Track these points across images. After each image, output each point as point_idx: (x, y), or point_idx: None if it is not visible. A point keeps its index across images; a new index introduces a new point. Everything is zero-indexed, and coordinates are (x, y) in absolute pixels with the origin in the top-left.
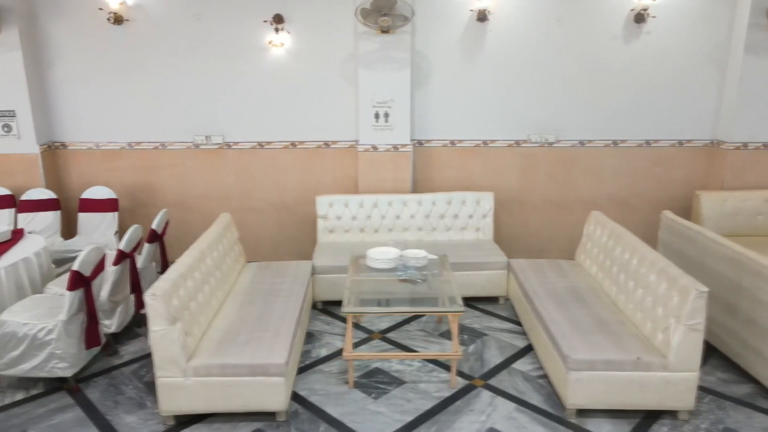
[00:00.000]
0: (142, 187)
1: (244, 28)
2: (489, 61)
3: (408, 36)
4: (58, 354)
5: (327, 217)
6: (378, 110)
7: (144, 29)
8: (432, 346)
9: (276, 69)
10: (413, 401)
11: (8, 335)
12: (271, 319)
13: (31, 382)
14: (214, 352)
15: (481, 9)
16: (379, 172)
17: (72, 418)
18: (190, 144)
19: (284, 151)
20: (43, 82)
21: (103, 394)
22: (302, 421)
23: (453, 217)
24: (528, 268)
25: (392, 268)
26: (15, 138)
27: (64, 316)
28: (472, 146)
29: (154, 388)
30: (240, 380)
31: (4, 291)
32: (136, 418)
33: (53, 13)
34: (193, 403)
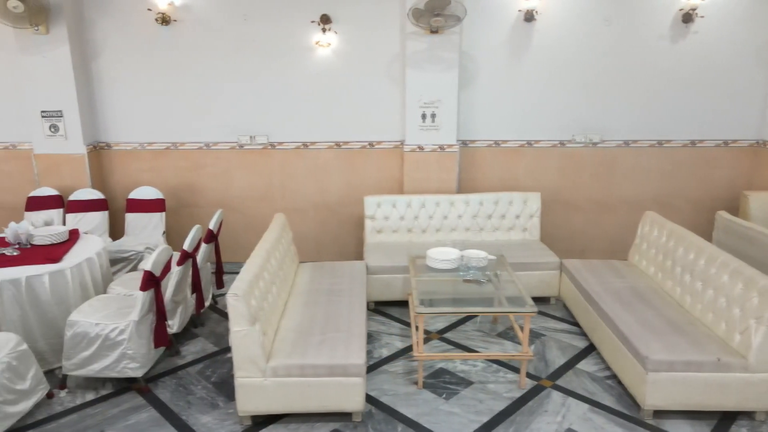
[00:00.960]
0: (185, 188)
1: (290, 29)
2: (534, 61)
3: (456, 36)
4: (129, 354)
5: (375, 218)
6: (425, 111)
7: (190, 30)
8: (492, 346)
9: (322, 69)
10: (485, 402)
11: (80, 335)
12: (339, 319)
13: (99, 382)
14: (291, 353)
15: (529, 9)
16: (425, 172)
17: (147, 419)
18: (235, 144)
19: (328, 152)
20: (89, 82)
21: (173, 394)
22: (378, 421)
23: (500, 218)
24: (583, 268)
25: (454, 268)
26: (62, 138)
27: (136, 317)
28: (516, 147)
29: (223, 388)
30: (318, 380)
31: (70, 291)
32: (212, 418)
33: (101, 13)
34: (271, 404)
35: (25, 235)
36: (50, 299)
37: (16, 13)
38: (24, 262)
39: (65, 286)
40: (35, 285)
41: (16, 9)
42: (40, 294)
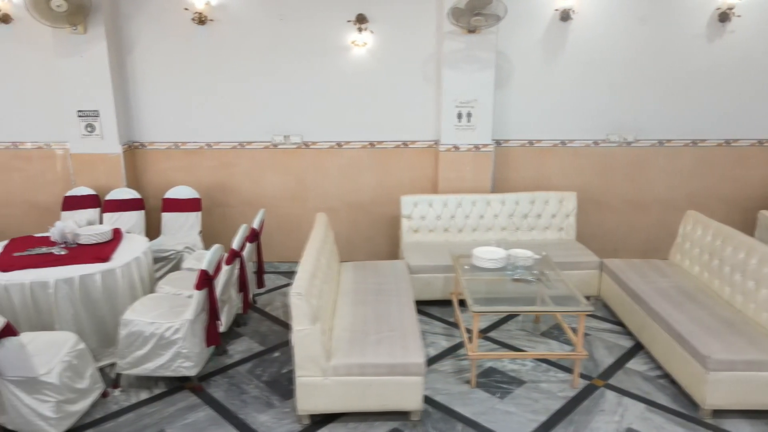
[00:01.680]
0: (217, 187)
1: (326, 28)
2: (569, 60)
3: (493, 36)
4: (184, 353)
5: (411, 217)
6: (461, 110)
7: (226, 29)
8: (538, 345)
9: (357, 69)
10: (540, 401)
11: (134, 334)
12: (391, 318)
13: (151, 381)
14: (350, 352)
15: (566, 8)
16: (460, 172)
17: (205, 417)
18: (269, 144)
19: (362, 151)
20: (124, 82)
21: (227, 393)
22: (436, 420)
23: (536, 217)
24: (626, 267)
25: (501, 267)
26: (98, 138)
27: (190, 316)
28: (549, 146)
29: (276, 387)
30: (379, 379)
31: (119, 290)
32: (269, 417)
33: (137, 12)
34: (331, 403)
35: (71, 234)
36: (101, 298)
37: (58, 12)
38: (73, 261)
39: (115, 285)
40: (88, 284)
41: (60, 8)
42: (92, 293)
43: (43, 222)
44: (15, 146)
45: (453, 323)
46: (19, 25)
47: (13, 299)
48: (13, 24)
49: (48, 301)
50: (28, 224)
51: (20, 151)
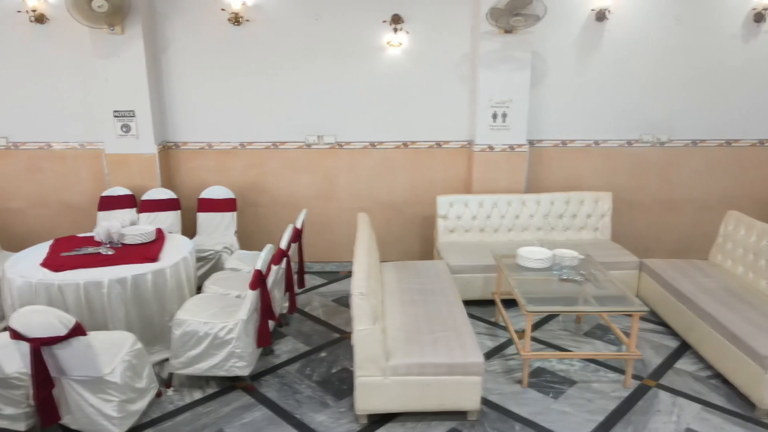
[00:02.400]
0: (250, 187)
1: (362, 29)
2: (604, 60)
3: (530, 36)
4: (237, 353)
5: (447, 217)
6: (496, 110)
7: (262, 29)
8: (583, 345)
9: (391, 69)
10: (594, 401)
11: (188, 334)
12: (442, 318)
13: (202, 380)
14: (408, 352)
15: (602, 8)
16: (494, 172)
17: (261, 417)
18: (302, 144)
19: (396, 151)
20: (159, 82)
21: (279, 393)
22: (493, 420)
23: (571, 217)
24: (668, 268)
25: (547, 267)
26: (134, 138)
27: (244, 315)
28: (582, 146)
29: (328, 387)
30: (438, 379)
31: (168, 290)
32: (326, 417)
33: (173, 12)
34: (389, 403)
35: (116, 234)
36: (151, 297)
37: (99, 12)
38: (121, 261)
39: (164, 285)
40: (139, 283)
41: (101, 8)
42: (143, 292)
43: (76, 222)
44: (48, 146)
45: (494, 323)
46: (54, 25)
47: (67, 299)
48: (48, 24)
49: (101, 301)
50: (60, 224)
51: (54, 151)
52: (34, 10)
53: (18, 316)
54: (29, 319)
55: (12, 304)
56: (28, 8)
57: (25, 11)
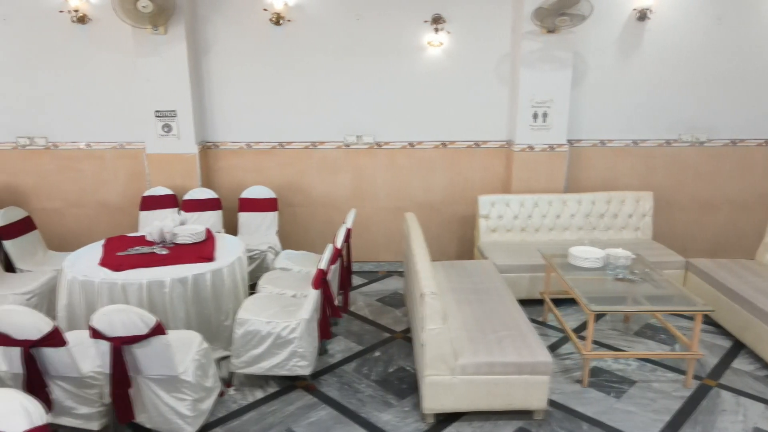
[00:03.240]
0: (289, 187)
1: (402, 29)
2: (644, 60)
3: (572, 35)
4: (299, 352)
5: (489, 217)
6: (537, 110)
7: (302, 29)
8: (636, 345)
9: (431, 69)
10: (657, 401)
11: (251, 334)
12: (501, 317)
13: (261, 379)
14: (477, 351)
15: (644, 8)
16: (534, 172)
17: (328, 416)
18: (341, 143)
19: (434, 151)
20: (199, 82)
21: (340, 392)
22: (559, 419)
23: (612, 217)
24: (716, 267)
25: (599, 267)
26: (175, 138)
27: (307, 315)
28: (621, 146)
29: (388, 386)
30: (506, 378)
31: (225, 289)
32: (392, 416)
33: (215, 13)
34: (457, 402)
35: (169, 234)
36: (209, 297)
37: (144, 13)
38: (177, 260)
39: (222, 285)
40: (199, 283)
41: (146, 9)
42: (202, 292)
43: (113, 222)
44: (88, 146)
45: (542, 322)
46: (95, 25)
47: (130, 298)
48: (89, 24)
49: (163, 300)
50: (98, 224)
51: (93, 151)
52: (77, 10)
53: (100, 315)
54: (111, 318)
55: (70, 303)
56: (70, 8)
57: (68, 11)
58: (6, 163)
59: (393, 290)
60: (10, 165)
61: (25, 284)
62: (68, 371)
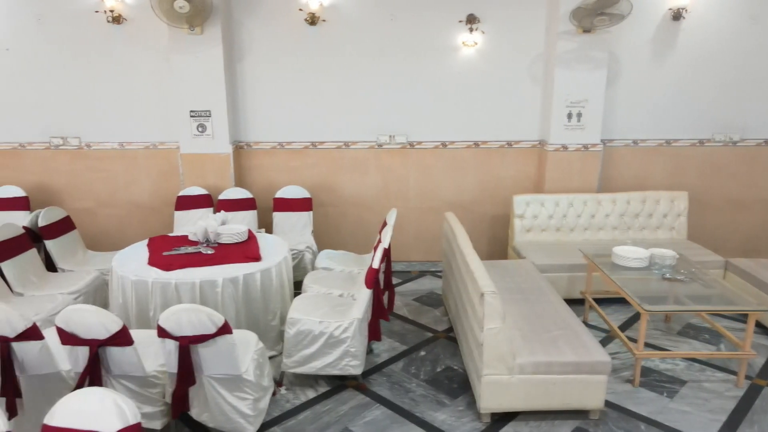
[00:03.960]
0: (321, 186)
1: (437, 28)
2: (678, 59)
3: (608, 35)
4: (351, 352)
5: (524, 216)
6: (571, 110)
7: (336, 29)
8: (681, 344)
9: (464, 69)
10: (711, 401)
11: (303, 333)
12: (552, 317)
13: (311, 379)
14: (534, 350)
15: (679, 8)
16: (567, 172)
17: (383, 415)
18: (374, 143)
19: (466, 151)
20: (233, 81)
21: (391, 391)
22: (615, 419)
23: (647, 216)
24: (759, 267)
25: (645, 267)
26: (209, 138)
27: (359, 314)
28: (654, 146)
29: (439, 386)
30: (564, 378)
31: (273, 289)
32: (447, 415)
33: (250, 13)
34: (514, 401)
35: (213, 233)
36: (258, 296)
37: (180, 13)
38: (224, 260)
39: (270, 284)
40: (249, 283)
41: (182, 9)
42: (252, 291)
43: (145, 222)
44: (120, 146)
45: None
46: (130, 26)
47: (183, 298)
48: (124, 25)
49: (215, 300)
50: (130, 224)
51: (126, 151)
52: (112, 10)
53: (168, 314)
54: (180, 318)
55: (123, 303)
56: (106, 8)
57: (103, 11)
58: (39, 163)
59: (428, 290)
60: (42, 165)
61: (72, 284)
62: (133, 370)
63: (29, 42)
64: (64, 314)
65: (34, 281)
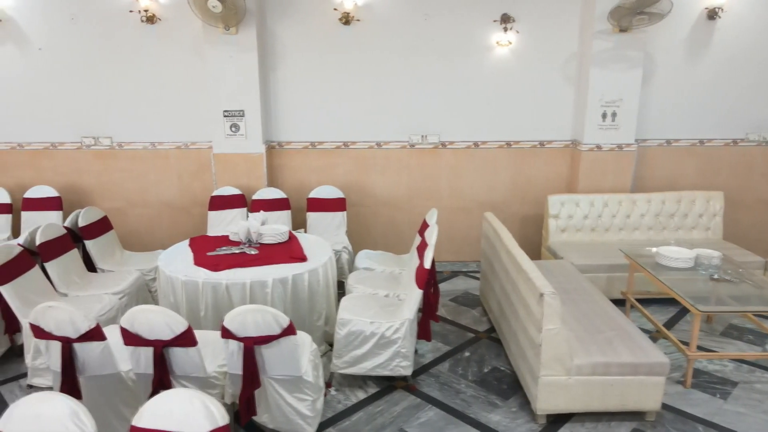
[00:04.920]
0: (352, 186)
1: (471, 28)
2: (712, 59)
3: (644, 34)
4: (402, 352)
5: (559, 216)
6: (606, 110)
7: (370, 29)
8: (726, 345)
9: (497, 69)
10: (765, 402)
11: (354, 334)
12: (601, 317)
13: (359, 380)
14: (590, 351)
15: (715, 7)
16: (601, 171)
17: (437, 417)
18: (406, 143)
19: (498, 151)
20: (266, 81)
21: (442, 392)
22: (671, 420)
23: (683, 217)
24: None
25: (691, 267)
26: (242, 138)
27: (411, 315)
28: (687, 146)
29: (489, 387)
30: (622, 379)
31: (320, 289)
32: (501, 417)
33: (284, 13)
34: (571, 402)
35: (256, 234)
36: (305, 297)
37: (213, 12)
38: (269, 261)
39: (317, 284)
40: (297, 283)
41: (215, 9)
42: (300, 292)
43: (175, 222)
44: (152, 146)
45: None
46: (164, 25)
47: (233, 298)
48: (158, 24)
49: (265, 300)
50: (160, 224)
51: (158, 151)
52: (146, 10)
53: (234, 315)
54: (245, 319)
55: (174, 303)
56: (140, 8)
57: (137, 11)
58: (70, 163)
59: (463, 290)
60: (73, 165)
61: (115, 284)
62: (195, 371)
63: (63, 42)
64: (129, 315)
65: (77, 281)
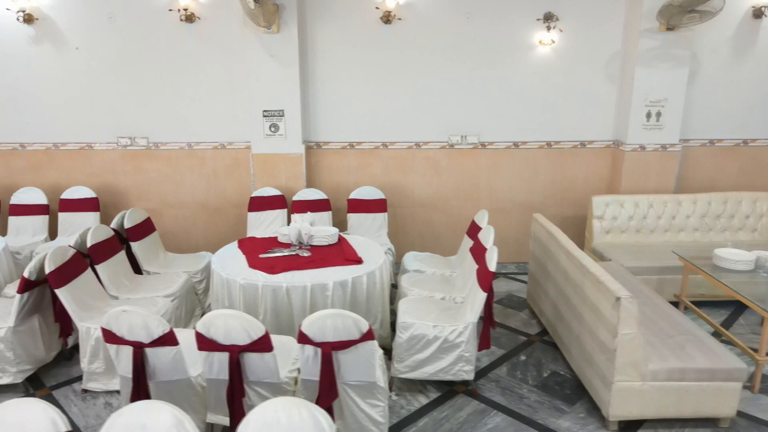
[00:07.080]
0: (391, 187)
1: (513, 27)
2: (758, 58)
3: (691, 33)
4: (465, 357)
5: (603, 218)
6: (650, 109)
7: (411, 28)
8: None
9: (539, 68)
10: None
11: (416, 338)
12: (667, 321)
13: (418, 384)
14: (664, 356)
15: (761, 6)
16: (644, 172)
17: (504, 423)
18: (445, 144)
19: (539, 152)
20: (306, 81)
21: (504, 397)
22: (746, 427)
23: (729, 218)
24: None
25: (751, 269)
26: (281, 138)
27: (474, 318)
28: (730, 146)
29: (551, 391)
30: (698, 385)
31: (376, 291)
32: (570, 423)
33: (324, 12)
34: (645, 409)
35: (307, 235)
36: (363, 300)
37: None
38: (324, 263)
39: (374, 287)
40: (356, 285)
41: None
42: (358, 294)
43: (211, 223)
44: (189, 146)
45: None
46: (203, 24)
47: (293, 301)
48: (197, 23)
49: (325, 303)
50: (195, 225)
51: (194, 152)
52: (186, 8)
53: (313, 319)
54: (324, 323)
55: (230, 306)
56: (179, 7)
57: (176, 10)
58: (106, 163)
59: (506, 292)
60: (109, 165)
61: (166, 286)
62: (268, 376)
63: (100, 41)
64: (206, 319)
65: (126, 284)
